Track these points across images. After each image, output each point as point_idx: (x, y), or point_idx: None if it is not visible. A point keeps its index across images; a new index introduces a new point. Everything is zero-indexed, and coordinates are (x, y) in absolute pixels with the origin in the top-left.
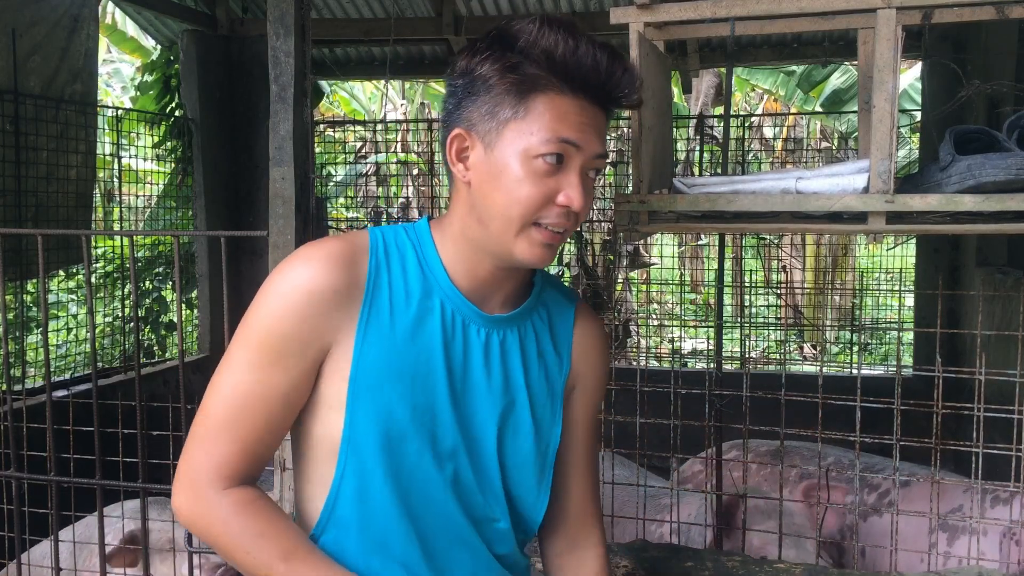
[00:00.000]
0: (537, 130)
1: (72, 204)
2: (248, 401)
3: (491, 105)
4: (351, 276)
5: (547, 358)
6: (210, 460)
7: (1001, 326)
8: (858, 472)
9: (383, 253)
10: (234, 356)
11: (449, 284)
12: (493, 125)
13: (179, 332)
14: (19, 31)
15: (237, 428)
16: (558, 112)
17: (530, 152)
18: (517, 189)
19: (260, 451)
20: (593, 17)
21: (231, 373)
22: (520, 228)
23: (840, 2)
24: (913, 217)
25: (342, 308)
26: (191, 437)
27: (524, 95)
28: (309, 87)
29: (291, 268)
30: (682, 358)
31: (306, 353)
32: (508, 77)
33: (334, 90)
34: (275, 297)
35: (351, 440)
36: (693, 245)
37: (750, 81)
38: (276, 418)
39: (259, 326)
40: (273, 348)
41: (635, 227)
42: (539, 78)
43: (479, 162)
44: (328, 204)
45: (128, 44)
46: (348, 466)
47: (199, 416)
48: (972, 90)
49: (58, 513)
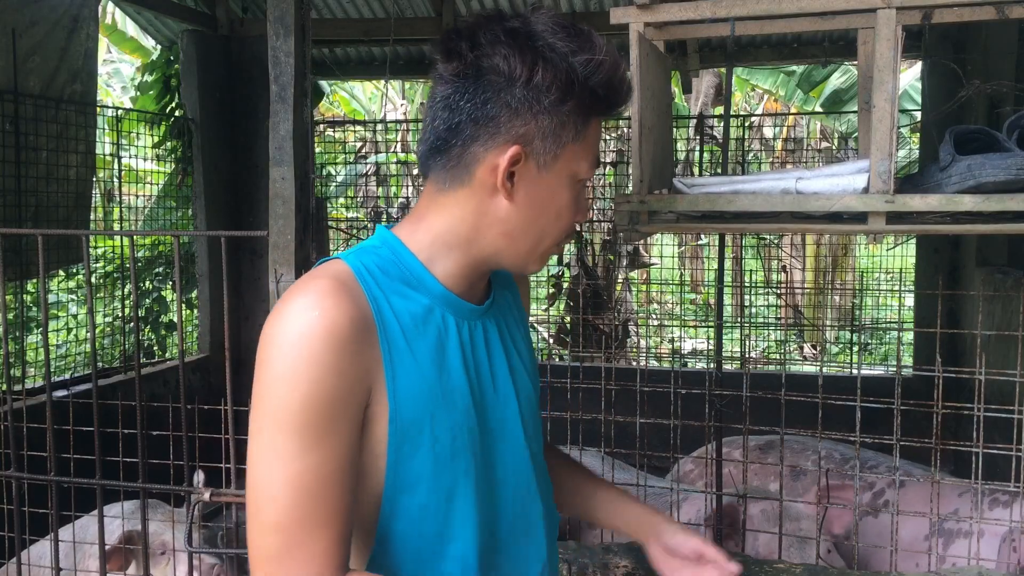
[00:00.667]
0: (587, 156)
1: (71, 204)
2: (319, 488)
3: (556, 126)
4: (359, 308)
5: (520, 322)
6: (311, 567)
7: (1001, 326)
8: (858, 472)
9: (373, 282)
10: (273, 448)
11: (444, 291)
12: (552, 146)
13: (179, 332)
14: (19, 31)
15: (321, 522)
16: (598, 137)
17: (577, 177)
18: (565, 213)
19: (349, 531)
20: (593, 17)
21: (280, 469)
22: (548, 247)
23: (840, 2)
24: (913, 217)
25: (367, 342)
26: (268, 562)
27: (586, 119)
28: (309, 87)
29: (295, 322)
30: (682, 358)
31: (355, 406)
32: (575, 98)
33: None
34: (296, 361)
35: (396, 483)
36: (693, 245)
37: (750, 81)
38: (351, 489)
39: (291, 401)
40: (321, 417)
41: (635, 227)
42: (599, 103)
43: (529, 181)
44: (328, 204)
45: (128, 44)
46: (396, 509)
47: (265, 537)
48: (972, 90)
49: (58, 513)
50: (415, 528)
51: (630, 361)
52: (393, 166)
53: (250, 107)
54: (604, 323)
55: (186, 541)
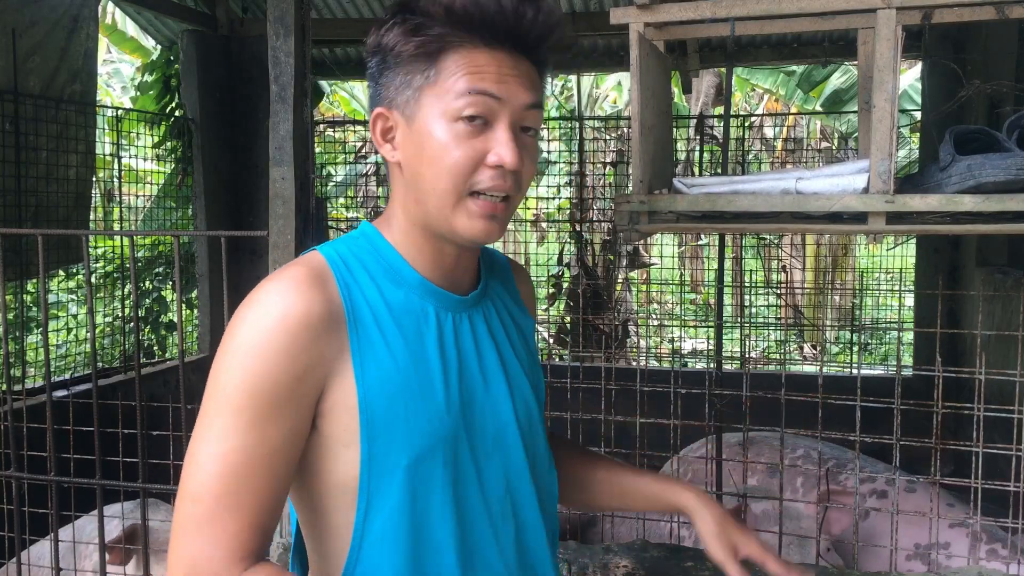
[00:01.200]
0: (451, 89)
1: (71, 204)
2: (245, 469)
3: (403, 75)
4: (326, 298)
5: (516, 318)
6: (218, 547)
7: (1001, 326)
8: (858, 472)
9: (345, 269)
10: (213, 424)
11: (420, 280)
12: (409, 94)
13: (179, 332)
14: (19, 31)
15: (240, 502)
16: (471, 67)
17: (449, 115)
18: (443, 156)
19: (268, 521)
20: (593, 17)
21: (213, 444)
22: (456, 200)
23: (840, 2)
24: (913, 217)
25: (330, 334)
26: (180, 530)
27: (432, 57)
28: (309, 87)
29: (257, 308)
30: (682, 358)
31: (301, 396)
32: (412, 41)
33: (334, 90)
34: (250, 345)
35: (372, 475)
36: (693, 245)
37: (750, 81)
38: (280, 478)
39: (238, 381)
40: (263, 401)
41: (635, 227)
42: (444, 35)
43: (403, 138)
44: (328, 204)
45: (128, 44)
46: (373, 503)
47: (184, 504)
48: (972, 90)
49: (58, 513)
50: (392, 526)
51: (630, 361)
52: None
53: (250, 107)
54: (604, 323)
55: None
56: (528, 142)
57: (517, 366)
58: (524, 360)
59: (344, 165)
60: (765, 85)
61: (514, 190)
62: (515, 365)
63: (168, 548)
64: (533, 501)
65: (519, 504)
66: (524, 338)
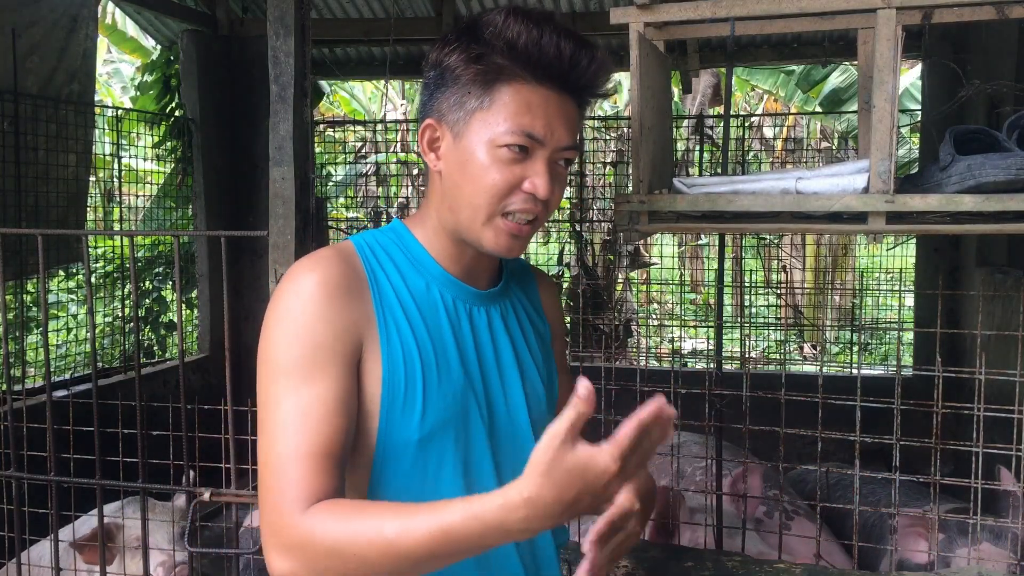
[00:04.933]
0: (502, 120)
1: (65, 204)
2: (302, 423)
3: (459, 96)
4: (355, 271)
5: (534, 321)
6: (283, 496)
7: (1001, 326)
8: (858, 472)
9: (371, 254)
10: (269, 394)
11: (442, 271)
12: (461, 115)
13: (179, 332)
14: (18, 31)
15: (301, 453)
16: (523, 102)
17: (495, 141)
18: (483, 177)
19: (332, 466)
20: (593, 17)
21: (273, 411)
22: (487, 217)
23: (840, 2)
24: (913, 217)
25: (359, 300)
26: (261, 491)
27: (488, 85)
28: (309, 87)
29: (293, 283)
30: (682, 358)
31: (345, 353)
32: (473, 67)
33: (334, 90)
34: (290, 313)
35: (387, 445)
36: (693, 245)
37: (750, 81)
38: (339, 427)
39: (284, 348)
40: (309, 360)
41: (635, 227)
42: (503, 68)
43: (448, 151)
44: (328, 204)
45: (128, 44)
46: (384, 471)
47: (261, 474)
48: (972, 90)
49: (58, 513)
50: (400, 496)
51: (630, 361)
52: (393, 166)
53: (250, 107)
54: (604, 323)
55: (187, 540)
56: (560, 171)
57: (531, 364)
58: (539, 360)
59: (344, 165)
60: (765, 85)
61: (541, 214)
62: (529, 363)
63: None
64: None
65: None
66: (541, 340)
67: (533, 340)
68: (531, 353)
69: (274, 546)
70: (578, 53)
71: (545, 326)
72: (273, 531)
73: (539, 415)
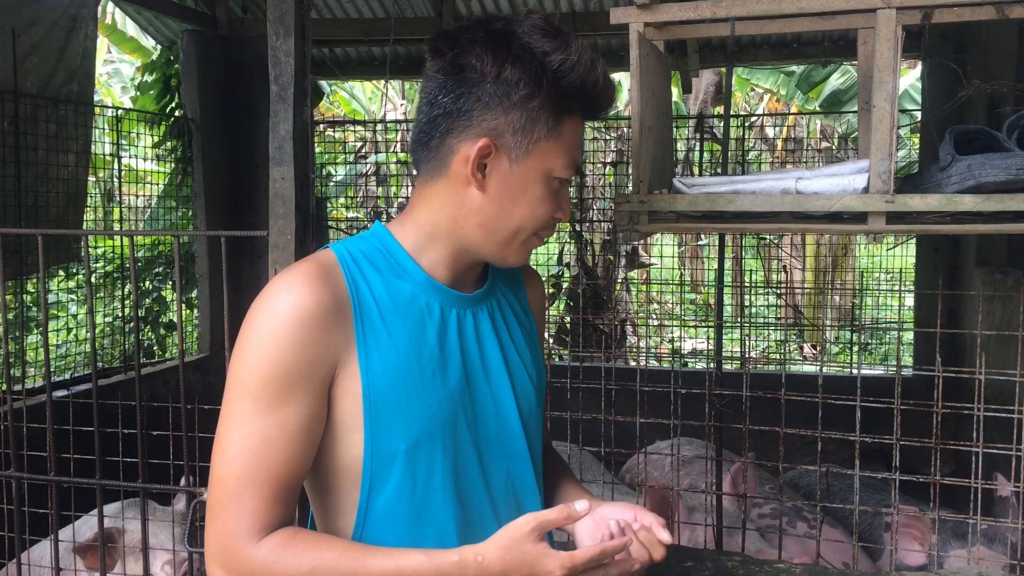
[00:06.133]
0: (563, 154)
1: (64, 204)
2: (264, 450)
3: (525, 120)
4: (334, 292)
5: (520, 318)
6: (239, 521)
7: (1001, 326)
8: (858, 472)
9: (354, 264)
10: (234, 410)
11: (426, 278)
12: (523, 140)
13: (179, 332)
14: (18, 31)
15: (259, 480)
16: (576, 137)
17: (552, 173)
18: (537, 207)
19: (287, 496)
20: (593, 17)
21: (236, 428)
22: (523, 240)
23: (840, 2)
24: (913, 217)
25: (337, 324)
26: (210, 510)
27: (559, 116)
28: (309, 87)
29: (270, 301)
30: (682, 358)
31: (314, 380)
32: (545, 94)
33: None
34: (264, 335)
35: (374, 458)
36: (693, 245)
37: (750, 81)
38: (299, 457)
39: (255, 369)
40: (277, 386)
41: (635, 227)
42: (573, 102)
43: (501, 174)
44: (328, 204)
45: (128, 44)
46: (375, 486)
47: (214, 486)
48: (972, 90)
49: (58, 513)
50: (393, 507)
51: (630, 361)
52: (393, 166)
53: (250, 107)
54: (604, 323)
55: (187, 540)
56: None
57: (519, 362)
58: (527, 357)
59: (344, 165)
60: (765, 85)
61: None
62: (517, 361)
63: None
64: (535, 491)
65: (521, 493)
66: (528, 336)
67: (520, 337)
68: (518, 351)
69: (222, 565)
70: (609, 91)
71: (531, 322)
72: (223, 553)
73: (529, 412)
